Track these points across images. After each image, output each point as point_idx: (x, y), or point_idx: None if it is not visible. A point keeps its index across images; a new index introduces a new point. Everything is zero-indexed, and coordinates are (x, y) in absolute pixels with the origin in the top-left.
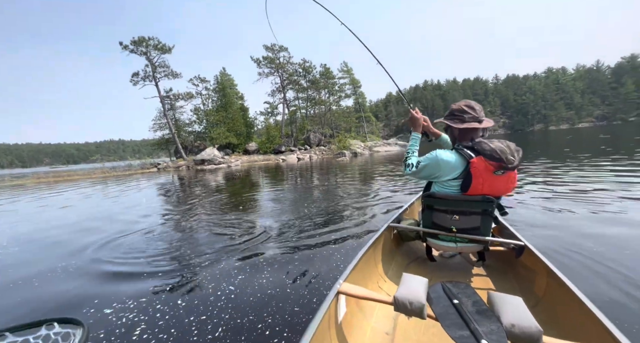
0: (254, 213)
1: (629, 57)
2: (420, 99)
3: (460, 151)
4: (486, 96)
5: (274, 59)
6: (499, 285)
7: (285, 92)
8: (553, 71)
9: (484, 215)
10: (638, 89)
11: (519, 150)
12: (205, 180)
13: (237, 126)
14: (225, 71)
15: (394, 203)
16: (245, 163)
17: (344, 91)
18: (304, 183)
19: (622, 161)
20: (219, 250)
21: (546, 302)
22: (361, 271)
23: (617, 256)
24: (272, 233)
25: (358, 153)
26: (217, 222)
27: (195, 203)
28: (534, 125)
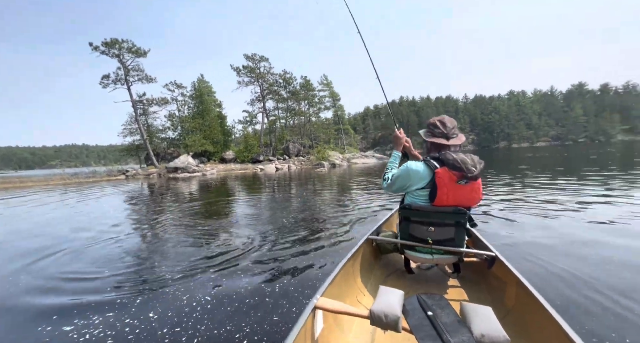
0: (229, 223)
1: (577, 85)
2: (396, 114)
3: (428, 162)
4: (457, 114)
5: (254, 69)
6: (472, 296)
7: (265, 101)
8: (514, 94)
9: (458, 227)
10: (585, 113)
11: (481, 162)
12: (178, 188)
13: (213, 133)
14: (203, 78)
15: (373, 215)
16: (222, 171)
17: (324, 103)
18: (282, 193)
19: (573, 177)
20: (193, 261)
21: (516, 312)
22: (339, 285)
23: (578, 263)
24: (248, 243)
25: (336, 164)
26: (190, 232)
27: (166, 212)
28: (498, 142)
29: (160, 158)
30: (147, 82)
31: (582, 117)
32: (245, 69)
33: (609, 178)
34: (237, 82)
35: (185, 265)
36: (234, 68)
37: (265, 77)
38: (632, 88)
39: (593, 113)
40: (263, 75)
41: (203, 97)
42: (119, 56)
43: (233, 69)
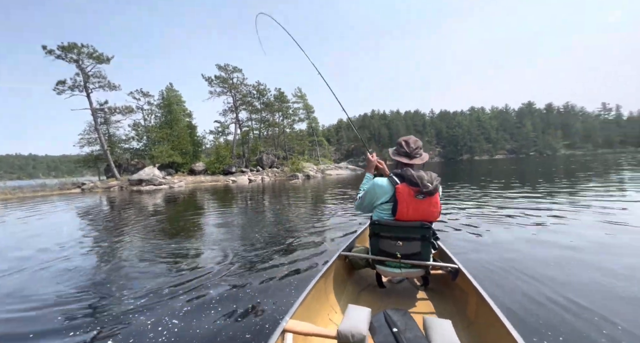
0: (197, 240)
1: (527, 103)
2: (368, 127)
3: (390, 178)
4: (424, 128)
5: (227, 79)
6: (439, 308)
7: (238, 112)
8: (475, 110)
9: (423, 241)
10: (534, 129)
11: (437, 179)
12: (141, 202)
13: (182, 144)
14: (172, 87)
15: (347, 228)
16: (191, 183)
17: (298, 115)
18: (254, 206)
19: (527, 188)
20: (157, 282)
21: (476, 323)
22: (311, 304)
23: (535, 272)
24: (218, 262)
25: (311, 175)
26: (154, 251)
27: (128, 229)
28: (462, 155)
29: (123, 170)
30: (110, 90)
31: (532, 133)
32: (218, 79)
33: (557, 188)
34: (209, 92)
35: (148, 288)
36: (205, 78)
37: (239, 88)
38: (570, 108)
39: (541, 129)
40: (236, 86)
41: (172, 107)
42: (77, 61)
43: (205, 79)
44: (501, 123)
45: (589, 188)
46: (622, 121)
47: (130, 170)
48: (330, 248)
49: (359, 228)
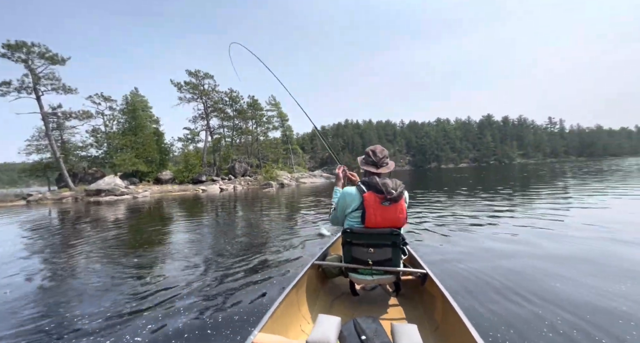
0: (162, 252)
1: (486, 116)
2: (342, 135)
3: (358, 186)
4: (395, 137)
5: (197, 85)
6: (408, 313)
7: (209, 119)
8: (441, 121)
9: (394, 247)
10: (494, 140)
11: (402, 186)
12: (100, 214)
13: (148, 152)
14: (137, 92)
15: (321, 237)
16: (157, 193)
17: (272, 122)
18: (225, 216)
19: (489, 194)
20: (118, 301)
21: (443, 326)
22: (282, 316)
23: (499, 274)
24: (183, 275)
25: (285, 183)
26: (112, 266)
27: (82, 243)
28: (430, 163)
29: (78, 180)
30: (65, 93)
31: (492, 143)
32: (188, 85)
33: (516, 194)
34: (178, 98)
35: (108, 307)
36: (174, 83)
37: (210, 95)
38: (523, 121)
39: (499, 140)
40: (207, 92)
41: (137, 112)
42: (26, 61)
43: (174, 85)
44: (464, 134)
45: (543, 193)
46: (565, 134)
47: (87, 180)
48: (303, 257)
49: (332, 237)
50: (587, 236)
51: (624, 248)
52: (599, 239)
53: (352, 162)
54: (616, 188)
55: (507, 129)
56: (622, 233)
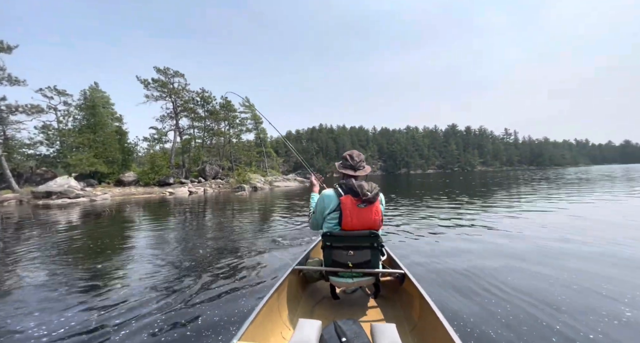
0: (128, 259)
1: (451, 125)
2: (316, 140)
3: (336, 189)
4: (367, 143)
5: (166, 83)
6: (387, 314)
7: (178, 119)
8: (410, 129)
9: (372, 249)
10: (457, 148)
11: (376, 188)
12: (50, 219)
13: (109, 151)
14: (97, 87)
15: (299, 242)
16: (118, 196)
17: (246, 125)
18: (197, 220)
19: (458, 197)
20: (74, 314)
21: (420, 325)
22: (262, 323)
23: (473, 273)
24: (153, 282)
25: (258, 187)
26: (67, 276)
27: (26, 251)
28: (400, 169)
29: (24, 180)
30: (11, 85)
31: (456, 151)
32: (156, 82)
33: (480, 198)
34: (145, 95)
35: (63, 321)
36: (141, 80)
37: (180, 94)
38: (483, 131)
39: (462, 148)
40: (177, 91)
41: (97, 109)
42: None
43: (140, 82)
44: (432, 142)
45: (505, 198)
46: (518, 144)
47: (34, 180)
48: (283, 263)
49: (311, 241)
50: (545, 235)
51: (579, 244)
52: (556, 239)
53: (325, 167)
54: (568, 194)
55: (469, 139)
56: (579, 232)
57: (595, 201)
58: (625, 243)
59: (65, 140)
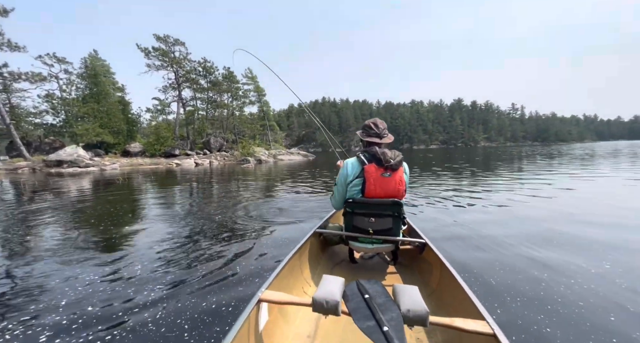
0: (160, 220)
1: (457, 99)
2: (319, 113)
3: (359, 157)
4: (371, 117)
5: (167, 52)
6: (406, 280)
7: (180, 89)
8: (415, 103)
9: (394, 217)
10: (462, 123)
11: (399, 155)
12: (68, 187)
13: (114, 122)
14: (97, 55)
15: (319, 209)
16: (126, 166)
17: (248, 97)
18: (210, 189)
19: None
20: (111, 268)
21: (439, 290)
22: (286, 277)
23: (492, 244)
24: (188, 240)
25: (262, 160)
26: (101, 238)
27: (53, 217)
28: (403, 144)
29: (34, 149)
30: (12, 51)
31: (460, 126)
32: (157, 51)
33: (490, 173)
34: (146, 65)
35: (76, 287)
36: (141, 48)
37: (181, 63)
38: (489, 106)
39: (467, 123)
40: (178, 60)
41: (98, 78)
42: None
43: (141, 50)
44: (436, 116)
45: (514, 172)
46: (524, 119)
47: (44, 149)
48: (304, 227)
49: (331, 208)
50: (553, 208)
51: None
52: (564, 213)
53: (327, 141)
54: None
55: (475, 114)
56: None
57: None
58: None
59: (70, 110)
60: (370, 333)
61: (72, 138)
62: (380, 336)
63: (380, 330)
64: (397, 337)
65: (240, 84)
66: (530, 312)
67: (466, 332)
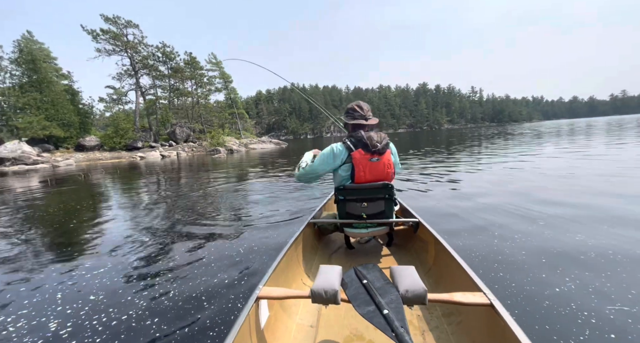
0: (138, 221)
1: (422, 84)
2: (288, 100)
3: (345, 143)
4: (341, 102)
5: (119, 35)
6: (402, 260)
7: (138, 77)
8: (383, 88)
9: (386, 200)
10: (428, 106)
11: (385, 138)
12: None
13: (62, 113)
14: (32, 37)
15: (309, 197)
16: (83, 161)
17: (214, 84)
18: (188, 181)
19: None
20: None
21: (435, 267)
22: (283, 271)
23: (481, 219)
24: (172, 241)
25: (234, 149)
26: (47, 244)
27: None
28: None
29: None
30: None
31: (425, 110)
32: (106, 33)
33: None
34: (96, 49)
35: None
36: (87, 30)
37: (137, 48)
38: (452, 89)
39: (431, 107)
40: (133, 45)
41: (37, 64)
42: None
43: (87, 32)
44: (403, 101)
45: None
46: (482, 102)
47: None
48: (297, 218)
49: (323, 197)
50: (526, 178)
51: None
52: (529, 183)
53: (299, 128)
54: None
55: (438, 97)
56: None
57: None
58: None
59: (6, 100)
60: (371, 318)
61: (12, 133)
62: (381, 320)
63: (381, 314)
64: (398, 319)
65: (204, 71)
66: (524, 281)
67: (464, 305)
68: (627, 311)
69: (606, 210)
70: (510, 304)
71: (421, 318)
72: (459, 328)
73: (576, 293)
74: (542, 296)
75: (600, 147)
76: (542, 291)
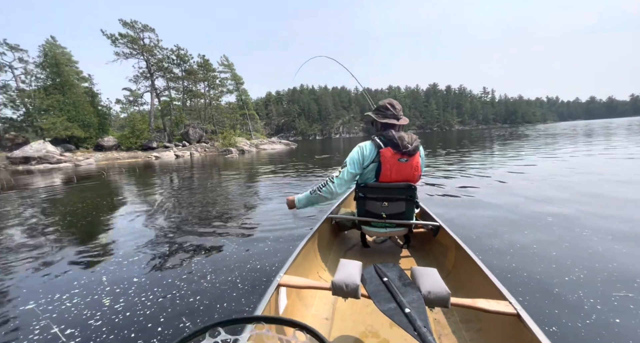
0: (179, 209)
1: (432, 84)
2: (297, 101)
3: (373, 140)
4: (350, 104)
5: (136, 39)
6: (420, 262)
7: (153, 79)
8: (393, 88)
9: (408, 201)
10: (438, 107)
11: (417, 140)
12: (43, 185)
13: (82, 114)
14: (55, 42)
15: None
16: (102, 161)
17: (226, 86)
18: (203, 181)
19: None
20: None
21: (455, 271)
22: (301, 262)
23: (502, 224)
24: (204, 229)
25: (245, 150)
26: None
27: (19, 219)
28: None
29: None
30: None
31: (436, 111)
32: (124, 38)
33: (477, 154)
34: (115, 53)
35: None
36: (107, 35)
37: (153, 51)
38: (463, 90)
39: (442, 108)
40: (149, 48)
41: (61, 67)
42: None
43: (107, 37)
44: (413, 102)
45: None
46: (495, 103)
47: (5, 146)
48: (316, 213)
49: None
50: (545, 181)
51: None
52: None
53: (307, 129)
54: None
55: (449, 98)
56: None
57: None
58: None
59: (32, 102)
60: (392, 315)
61: (37, 133)
62: (403, 318)
63: (402, 312)
64: (420, 319)
65: (216, 73)
66: (552, 292)
67: (488, 312)
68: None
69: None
70: (534, 317)
71: (438, 321)
72: (478, 335)
73: (619, 316)
74: (575, 314)
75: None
76: (575, 308)
